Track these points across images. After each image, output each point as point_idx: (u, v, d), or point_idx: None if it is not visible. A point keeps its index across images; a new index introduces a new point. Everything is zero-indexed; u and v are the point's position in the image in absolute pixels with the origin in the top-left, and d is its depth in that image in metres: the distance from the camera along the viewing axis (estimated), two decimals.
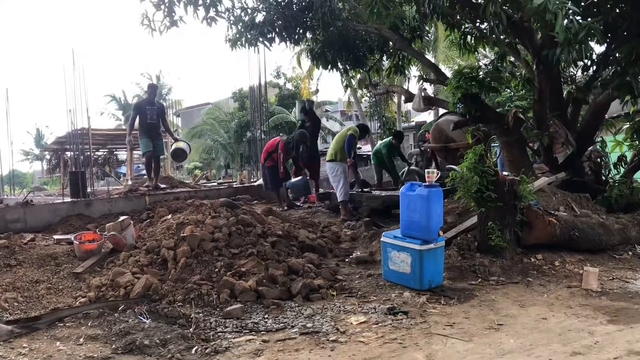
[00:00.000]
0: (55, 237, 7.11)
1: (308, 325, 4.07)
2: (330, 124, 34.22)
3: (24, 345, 3.79)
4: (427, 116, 25.45)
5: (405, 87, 14.54)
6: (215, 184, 14.92)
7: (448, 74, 9.78)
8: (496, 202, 5.52)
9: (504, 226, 5.64)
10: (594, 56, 7.59)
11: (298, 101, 13.46)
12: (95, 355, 3.55)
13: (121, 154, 25.98)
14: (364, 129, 10.11)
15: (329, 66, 10.64)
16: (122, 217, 6.74)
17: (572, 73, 8.82)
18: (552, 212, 6.14)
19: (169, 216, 7.27)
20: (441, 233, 5.10)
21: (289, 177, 10.29)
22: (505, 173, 6.22)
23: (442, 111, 11.64)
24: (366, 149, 26.44)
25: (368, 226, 7.68)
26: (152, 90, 10.54)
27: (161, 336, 3.79)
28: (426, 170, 5.24)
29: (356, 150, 9.82)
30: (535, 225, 5.86)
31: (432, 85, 17.97)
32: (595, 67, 8.02)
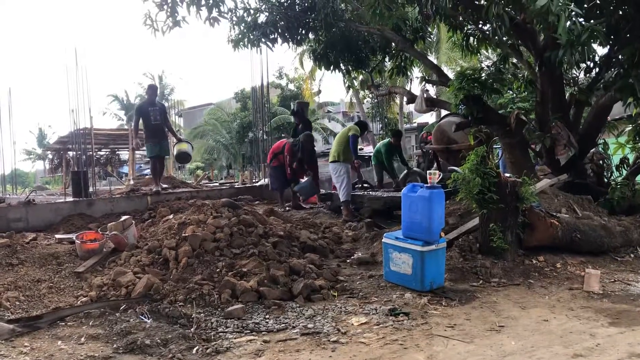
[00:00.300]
0: (57, 237, 7.13)
1: (309, 325, 4.07)
2: (332, 125, 34.26)
3: (26, 344, 3.79)
4: (429, 117, 25.50)
5: (407, 89, 14.57)
6: (217, 185, 14.93)
7: (450, 76, 9.79)
8: (498, 204, 5.51)
9: (506, 228, 5.63)
10: (597, 58, 7.59)
11: (292, 103, 13.47)
12: (96, 354, 3.55)
13: (123, 154, 26.01)
14: (364, 126, 10.07)
15: (332, 67, 10.65)
16: (124, 217, 6.76)
17: (575, 75, 8.81)
18: (554, 214, 6.13)
19: (171, 216, 7.28)
20: (443, 234, 5.09)
21: (297, 179, 10.27)
22: (507, 175, 6.21)
23: (445, 112, 11.64)
24: (368, 150, 26.44)
25: (369, 227, 7.68)
26: (153, 91, 10.43)
27: (162, 336, 3.79)
28: (428, 171, 5.24)
29: (357, 150, 9.78)
30: (537, 227, 5.85)
31: (435, 86, 17.91)
32: (597, 69, 8.02)
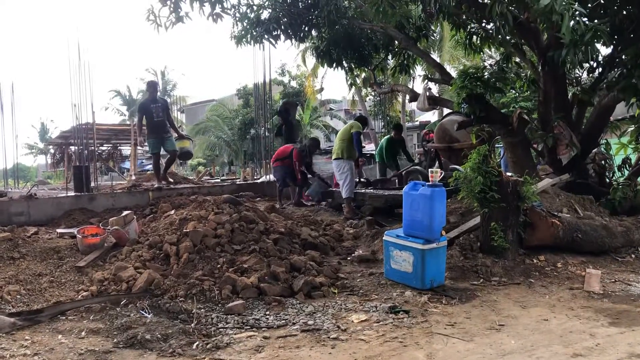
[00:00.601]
0: (58, 231, 7.14)
1: (309, 322, 4.08)
2: (334, 123, 34.21)
3: (26, 337, 3.81)
4: (432, 116, 25.46)
5: (410, 87, 14.52)
6: (218, 181, 14.95)
7: (453, 74, 9.76)
8: (499, 203, 5.51)
9: (507, 227, 5.62)
10: (600, 58, 7.56)
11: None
12: (96, 348, 3.56)
13: (125, 149, 26.01)
14: (365, 121, 10.03)
15: (334, 64, 10.63)
16: (126, 212, 6.77)
17: (578, 75, 8.79)
18: (555, 214, 6.12)
19: (172, 212, 7.29)
20: (444, 233, 5.09)
21: (307, 183, 10.63)
22: (508, 174, 6.20)
23: (447, 111, 11.62)
24: (370, 148, 26.42)
25: (370, 225, 7.68)
26: (153, 87, 10.42)
27: (162, 331, 3.80)
28: (430, 169, 5.23)
29: (362, 148, 9.80)
30: (538, 226, 5.85)
31: (437, 84, 17.94)
32: (600, 69, 8.00)
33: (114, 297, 4.60)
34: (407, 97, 10.80)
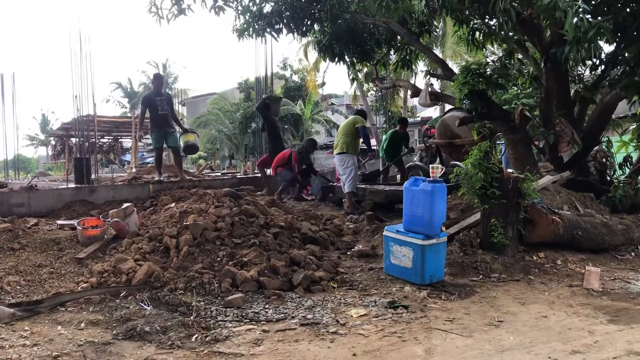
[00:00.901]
0: (58, 222, 7.15)
1: (308, 316, 4.08)
2: (335, 117, 34.17)
3: (26, 328, 3.81)
4: (433, 112, 25.40)
5: (412, 82, 14.48)
6: (219, 174, 14.93)
7: (455, 70, 9.73)
8: (500, 200, 5.50)
9: (507, 223, 5.62)
10: (603, 55, 7.54)
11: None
12: (96, 340, 3.57)
13: (126, 142, 26.01)
14: (365, 115, 10.04)
15: (336, 59, 10.59)
16: (126, 204, 6.77)
17: (580, 72, 8.77)
18: (556, 211, 6.12)
19: (173, 205, 7.29)
20: (444, 229, 5.10)
21: (309, 181, 10.94)
22: (509, 170, 6.20)
23: (448, 107, 11.61)
24: (372, 143, 26.37)
25: (371, 220, 7.68)
26: (159, 80, 10.38)
27: (162, 323, 3.81)
28: (430, 165, 5.23)
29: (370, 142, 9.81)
30: (538, 223, 5.85)
31: (439, 80, 17.91)
32: (603, 67, 7.98)
33: (114, 289, 4.61)
34: (409, 93, 10.79)
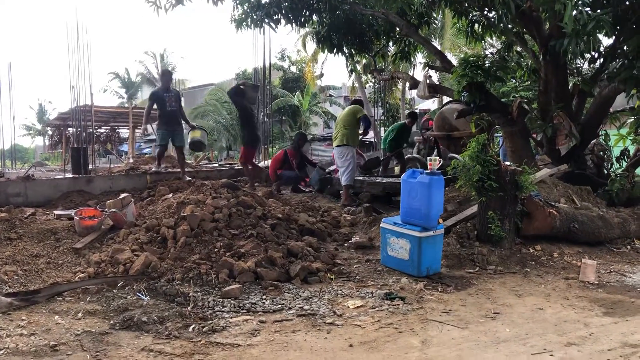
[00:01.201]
0: (55, 213, 7.14)
1: (305, 307, 4.10)
2: (334, 109, 34.10)
3: (23, 317, 3.82)
4: (432, 104, 25.37)
5: (410, 74, 14.45)
6: (216, 165, 14.91)
7: (454, 62, 9.72)
8: (497, 192, 5.51)
9: (504, 216, 5.64)
10: (602, 48, 7.53)
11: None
12: (93, 329, 3.57)
13: (123, 132, 25.94)
14: (362, 103, 9.83)
15: (335, 50, 10.55)
16: (123, 195, 6.75)
17: (579, 65, 8.76)
18: (553, 204, 6.14)
19: (170, 195, 7.28)
20: (441, 221, 5.11)
21: (306, 175, 10.94)
22: (507, 163, 6.20)
23: (447, 99, 11.60)
24: (370, 135, 26.35)
25: (368, 212, 7.69)
26: (168, 77, 10.22)
27: (159, 313, 3.81)
28: (428, 157, 5.23)
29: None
30: (535, 216, 5.86)
31: (438, 72, 17.86)
32: (602, 60, 7.96)
33: (111, 279, 4.61)
34: (407, 85, 10.78)
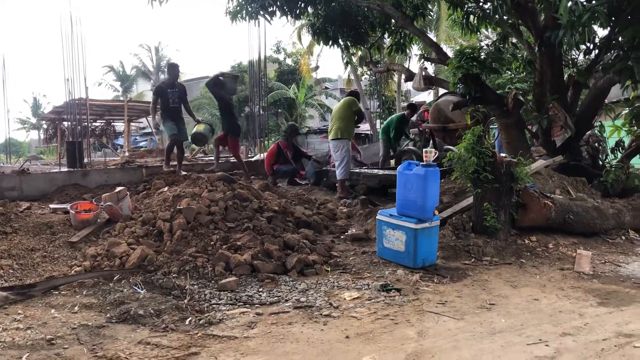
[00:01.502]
0: (51, 206, 7.12)
1: (302, 299, 4.11)
2: (329, 102, 34.04)
3: (19, 311, 3.81)
4: (427, 96, 25.35)
5: (406, 66, 14.42)
6: (212, 158, 14.87)
7: (449, 54, 9.70)
8: (492, 184, 5.52)
9: (500, 207, 5.65)
10: (597, 40, 7.53)
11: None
12: (89, 323, 3.57)
13: (119, 126, 25.87)
14: (358, 95, 9.68)
15: (330, 42, 10.53)
16: (119, 188, 6.74)
17: (574, 56, 8.75)
18: (548, 195, 6.16)
19: (166, 188, 7.27)
20: (436, 212, 5.11)
21: (302, 167, 11.00)
22: (502, 155, 6.21)
23: (442, 91, 11.59)
24: (365, 128, 26.36)
25: (364, 204, 7.70)
26: (173, 71, 9.75)
27: (155, 306, 3.81)
28: (424, 149, 5.23)
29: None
30: (530, 207, 5.88)
31: (433, 64, 17.85)
32: (597, 51, 7.96)
33: (107, 273, 4.61)
34: (403, 77, 10.73)
